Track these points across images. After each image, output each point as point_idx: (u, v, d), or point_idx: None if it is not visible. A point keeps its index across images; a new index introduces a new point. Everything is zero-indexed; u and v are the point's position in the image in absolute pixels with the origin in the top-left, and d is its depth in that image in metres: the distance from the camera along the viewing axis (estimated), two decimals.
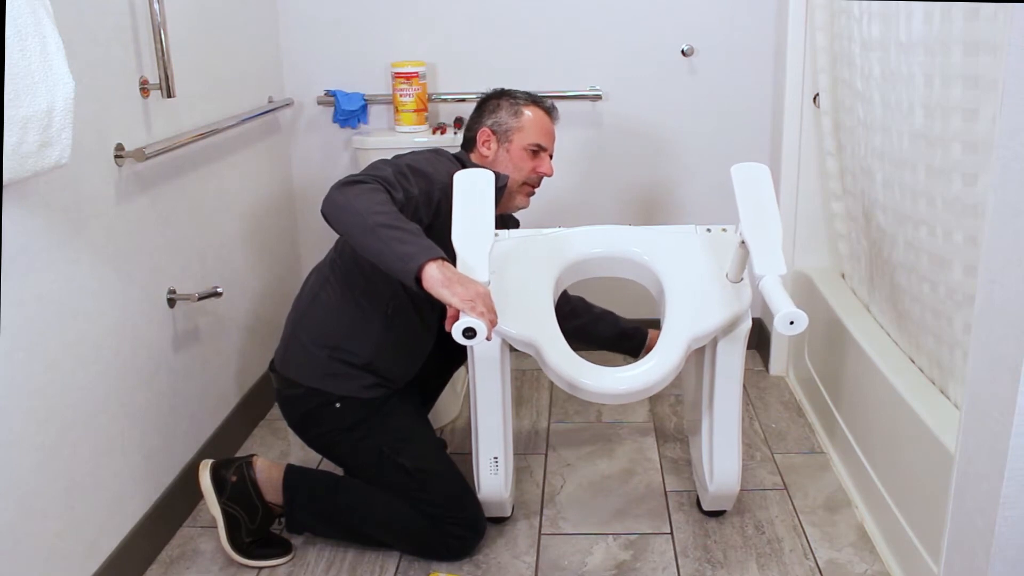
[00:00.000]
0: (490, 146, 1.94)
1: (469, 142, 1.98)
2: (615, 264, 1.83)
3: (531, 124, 1.94)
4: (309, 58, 2.60)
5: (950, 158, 1.55)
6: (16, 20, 1.21)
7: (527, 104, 1.96)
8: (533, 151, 1.94)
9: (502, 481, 1.81)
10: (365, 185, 1.58)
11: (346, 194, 1.56)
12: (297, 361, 1.79)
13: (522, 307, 1.66)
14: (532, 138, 1.93)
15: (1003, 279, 1.13)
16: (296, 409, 1.82)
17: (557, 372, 1.55)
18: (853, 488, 1.99)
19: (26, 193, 1.40)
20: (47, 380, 1.48)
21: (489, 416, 1.76)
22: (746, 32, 2.53)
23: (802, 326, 1.44)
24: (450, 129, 2.56)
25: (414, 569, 1.77)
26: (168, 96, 1.77)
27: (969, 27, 1.45)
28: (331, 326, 1.78)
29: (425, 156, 1.81)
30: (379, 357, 1.78)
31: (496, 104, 1.96)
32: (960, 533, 1.29)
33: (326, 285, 1.81)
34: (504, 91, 2.00)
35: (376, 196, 1.56)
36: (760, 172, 1.65)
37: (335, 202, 1.56)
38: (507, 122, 1.93)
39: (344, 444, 1.80)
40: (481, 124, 1.95)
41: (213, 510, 1.78)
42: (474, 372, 1.73)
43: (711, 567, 1.76)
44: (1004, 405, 1.13)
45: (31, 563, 1.44)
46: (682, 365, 1.58)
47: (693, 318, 1.63)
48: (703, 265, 1.75)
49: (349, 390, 1.76)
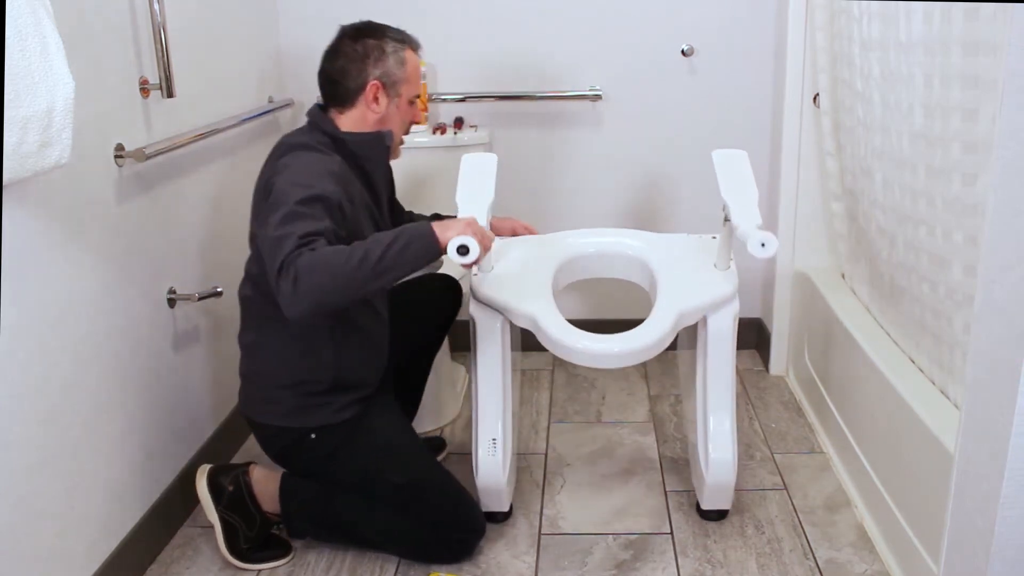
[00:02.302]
0: (380, 101, 1.71)
1: (348, 96, 1.71)
2: (611, 261, 1.94)
3: (414, 72, 1.75)
4: (309, 58, 2.58)
5: (950, 158, 1.55)
6: (16, 20, 1.21)
7: (404, 47, 1.74)
8: (411, 102, 1.77)
9: (500, 462, 1.82)
10: (307, 257, 1.43)
11: (313, 278, 1.42)
12: (261, 404, 1.74)
13: (522, 288, 1.81)
14: (415, 90, 1.77)
15: (1003, 279, 1.13)
16: (273, 447, 1.78)
17: (555, 340, 1.65)
18: (853, 488, 1.99)
19: (26, 193, 1.40)
20: (47, 380, 1.48)
21: (489, 399, 1.83)
22: (746, 32, 2.54)
23: (773, 247, 1.57)
24: (450, 129, 2.56)
25: (414, 569, 1.77)
26: (168, 96, 1.77)
27: (969, 27, 1.45)
28: (283, 366, 1.70)
29: (298, 173, 1.56)
30: (342, 372, 1.71)
31: (379, 48, 1.71)
32: (960, 533, 1.29)
33: (263, 329, 1.71)
34: (372, 27, 1.75)
35: (332, 257, 1.44)
36: (737, 154, 1.88)
37: (318, 290, 1.43)
38: (395, 73, 1.71)
39: (329, 470, 1.76)
40: (368, 75, 1.70)
41: (211, 517, 1.77)
42: (476, 356, 1.83)
43: (711, 567, 1.76)
44: (1004, 405, 1.13)
45: (31, 563, 1.44)
46: (672, 335, 1.68)
47: (682, 296, 1.75)
48: (693, 259, 1.89)
49: (321, 419, 1.70)
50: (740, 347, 2.81)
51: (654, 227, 2.73)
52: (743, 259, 2.71)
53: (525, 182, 2.68)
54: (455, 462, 2.17)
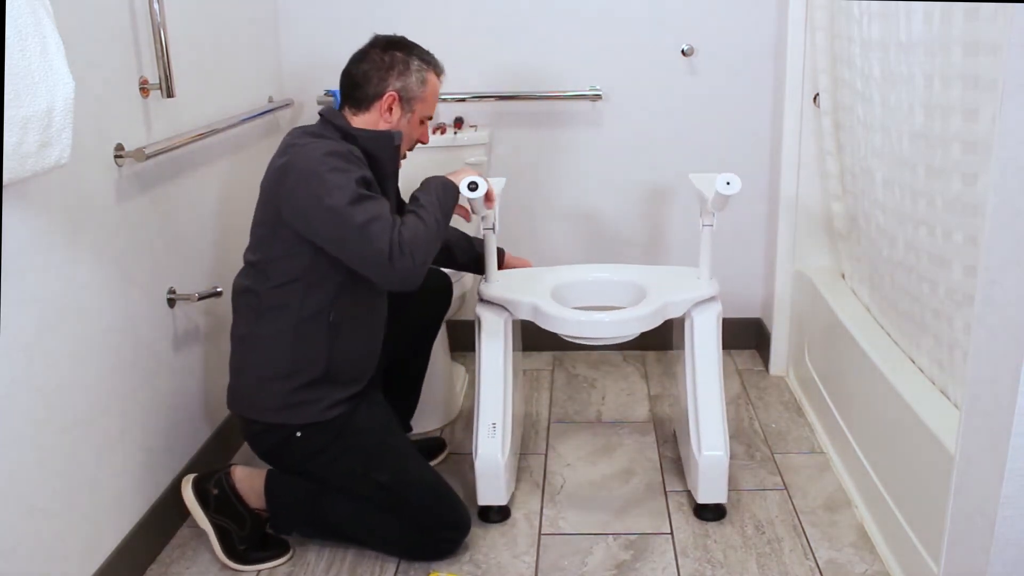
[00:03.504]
0: (394, 112, 1.77)
1: (365, 100, 1.76)
2: (602, 287, 2.07)
3: (432, 95, 1.82)
4: (309, 58, 2.60)
5: (950, 158, 1.55)
6: (16, 20, 1.21)
7: (428, 69, 1.80)
8: (422, 121, 1.84)
9: (499, 446, 1.85)
10: (408, 234, 1.60)
11: (422, 249, 1.61)
12: (250, 398, 1.74)
13: (525, 288, 1.97)
14: (429, 111, 1.83)
15: (1003, 279, 1.13)
16: (260, 444, 1.78)
17: (553, 315, 1.84)
18: (853, 488, 1.99)
19: (26, 193, 1.40)
20: (47, 380, 1.48)
21: (491, 385, 1.90)
22: (746, 32, 2.54)
23: (737, 185, 1.76)
24: (450, 129, 2.56)
25: (414, 569, 1.77)
26: (168, 96, 1.77)
27: (969, 27, 1.45)
28: (277, 355, 1.70)
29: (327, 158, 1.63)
30: (335, 362, 1.71)
31: (405, 64, 1.77)
32: (960, 533, 1.29)
33: (259, 320, 1.71)
34: (404, 42, 1.81)
35: (420, 227, 1.64)
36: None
37: (427, 256, 1.63)
38: (414, 90, 1.77)
39: (316, 468, 1.76)
40: (388, 86, 1.75)
41: (203, 524, 1.77)
42: (480, 350, 1.92)
43: (711, 567, 1.76)
44: (1004, 405, 1.13)
45: (31, 563, 1.44)
46: (659, 317, 1.87)
47: (669, 292, 1.94)
48: (676, 273, 2.07)
49: (309, 417, 1.70)
50: (740, 347, 2.82)
51: (654, 227, 2.73)
52: (743, 259, 2.73)
53: (525, 182, 2.68)
54: (455, 462, 2.17)
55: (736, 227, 2.68)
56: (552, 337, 1.91)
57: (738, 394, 2.53)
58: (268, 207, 1.69)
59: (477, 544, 1.84)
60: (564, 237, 2.75)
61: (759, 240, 2.72)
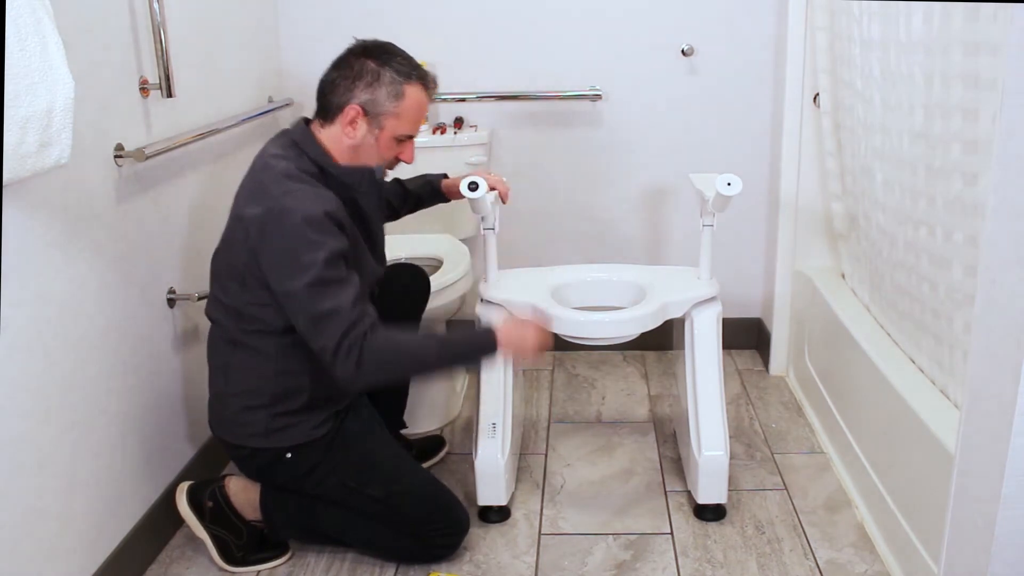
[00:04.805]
0: (357, 128, 1.59)
1: (329, 111, 1.61)
2: (602, 287, 2.07)
3: (409, 111, 1.61)
4: (309, 58, 2.60)
5: (950, 158, 1.55)
6: (16, 20, 1.21)
7: (408, 81, 1.59)
8: (400, 140, 1.65)
9: (499, 446, 1.86)
10: (374, 343, 1.48)
11: (380, 368, 1.50)
12: (235, 425, 1.68)
13: (525, 288, 2.00)
14: (406, 129, 1.62)
15: (1003, 279, 1.13)
16: (248, 467, 1.74)
17: (551, 314, 1.84)
18: (853, 488, 1.99)
19: (26, 193, 1.40)
20: (47, 380, 1.48)
21: (491, 386, 1.93)
22: (746, 32, 2.54)
23: (738, 186, 1.78)
24: (450, 129, 2.56)
25: (414, 569, 1.77)
26: (168, 96, 1.77)
27: (969, 27, 1.45)
28: (258, 385, 1.64)
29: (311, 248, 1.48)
30: (318, 389, 1.66)
31: (375, 74, 1.57)
32: (960, 533, 1.29)
33: (236, 351, 1.65)
34: (383, 49, 1.61)
35: (398, 351, 1.55)
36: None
37: (382, 376, 1.53)
38: (384, 104, 1.58)
39: (307, 486, 1.73)
40: (352, 98, 1.58)
41: (199, 533, 1.76)
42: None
43: (711, 567, 1.76)
44: (1004, 405, 1.13)
45: (31, 563, 1.44)
46: (659, 317, 1.87)
47: (668, 292, 1.95)
48: (676, 273, 2.07)
49: (296, 438, 1.66)
50: (740, 347, 2.82)
51: (654, 227, 2.73)
52: (743, 259, 2.72)
53: (525, 182, 2.68)
54: (455, 462, 2.17)
55: (736, 227, 2.68)
56: (552, 337, 1.91)
57: (738, 394, 2.53)
58: (238, 252, 1.58)
59: (477, 544, 1.84)
60: (564, 237, 2.75)
61: (759, 240, 2.72)
